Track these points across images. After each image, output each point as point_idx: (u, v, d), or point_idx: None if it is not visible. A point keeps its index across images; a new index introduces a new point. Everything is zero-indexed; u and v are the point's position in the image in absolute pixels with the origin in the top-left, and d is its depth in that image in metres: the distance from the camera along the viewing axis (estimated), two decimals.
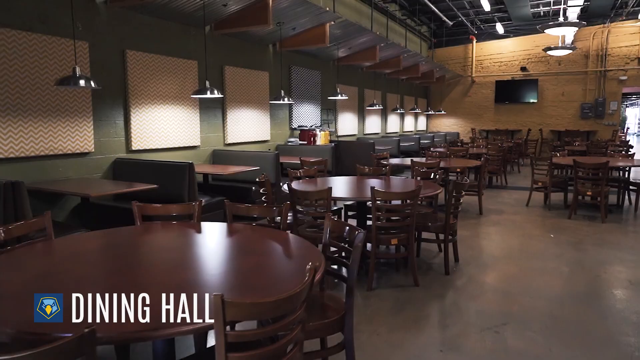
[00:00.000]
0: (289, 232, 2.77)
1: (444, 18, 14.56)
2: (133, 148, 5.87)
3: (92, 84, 4.34)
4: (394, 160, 7.94)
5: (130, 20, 5.79)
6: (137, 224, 2.96)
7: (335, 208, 4.77)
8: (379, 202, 3.71)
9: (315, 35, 8.04)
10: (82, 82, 4.25)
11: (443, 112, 16.47)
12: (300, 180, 5.00)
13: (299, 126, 9.36)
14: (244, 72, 7.77)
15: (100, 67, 5.42)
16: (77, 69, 4.25)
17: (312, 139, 9.19)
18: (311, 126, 9.66)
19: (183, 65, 6.52)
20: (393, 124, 14.66)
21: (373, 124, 13.18)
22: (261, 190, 4.37)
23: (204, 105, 7.02)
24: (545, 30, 10.68)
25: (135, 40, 5.85)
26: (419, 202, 6.13)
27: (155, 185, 4.65)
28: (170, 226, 2.85)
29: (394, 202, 4.06)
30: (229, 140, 7.53)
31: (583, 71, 14.79)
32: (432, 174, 5.04)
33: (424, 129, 17.63)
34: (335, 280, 3.55)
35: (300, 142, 9.08)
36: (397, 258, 4.42)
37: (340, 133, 11.28)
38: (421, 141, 13.10)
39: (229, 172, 5.81)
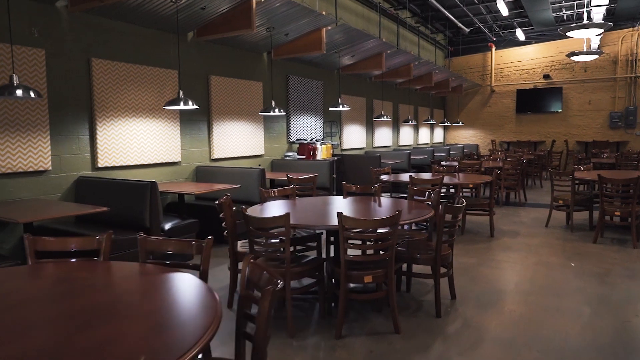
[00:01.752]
0: (204, 281, 2.13)
1: (460, 25, 13.83)
2: (99, 165, 5.35)
3: (32, 94, 3.81)
4: (398, 175, 7.22)
5: (97, 26, 5.30)
6: (29, 263, 2.38)
7: (300, 234, 4.09)
8: (352, 230, 3.05)
9: (310, 41, 7.46)
10: (19, 92, 3.74)
11: (461, 124, 15.64)
12: (277, 201, 4.37)
13: (297, 139, 8.75)
14: (234, 82, 7.22)
15: (60, 77, 4.94)
16: (15, 78, 3.77)
17: (311, 153, 8.56)
18: (312, 139, 9.04)
19: (161, 75, 6.01)
20: (406, 136, 13.92)
21: (383, 137, 12.48)
22: (220, 215, 3.75)
23: (186, 118, 6.48)
24: (567, 33, 9.84)
25: (103, 48, 5.36)
26: (424, 226, 5.43)
27: (104, 208, 4.09)
28: (60, 267, 2.24)
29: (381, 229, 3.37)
30: (216, 155, 6.96)
31: (611, 78, 13.80)
32: (427, 192, 4.32)
33: (441, 141, 16.82)
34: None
35: (299, 156, 8.47)
36: (373, 299, 3.68)
37: (346, 146, 10.62)
38: (435, 154, 12.31)
39: (200, 192, 5.21)
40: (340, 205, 4.02)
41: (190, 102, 5.09)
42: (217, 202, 3.73)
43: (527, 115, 15.31)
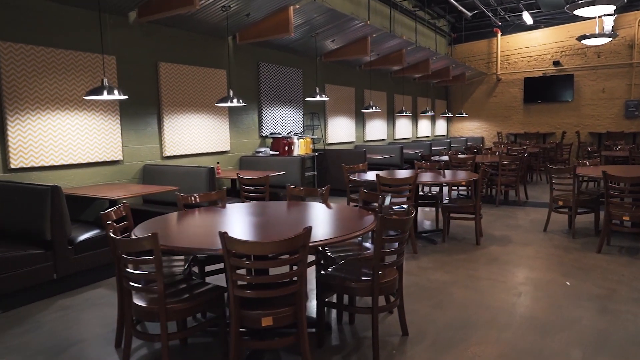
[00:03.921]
0: None
1: (461, 8, 12.84)
2: (13, 166, 4.59)
3: None
4: (384, 172, 6.35)
5: (1, 2, 4.53)
6: None
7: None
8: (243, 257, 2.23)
9: (277, 22, 6.63)
10: None
11: (465, 115, 14.64)
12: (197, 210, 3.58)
13: (271, 134, 7.93)
14: (190, 69, 6.42)
15: None
16: None
17: (286, 148, 7.74)
18: (288, 133, 8.22)
19: (93, 62, 5.23)
20: (403, 129, 13.00)
21: (376, 130, 11.58)
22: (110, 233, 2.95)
23: (130, 111, 5.71)
24: (575, 12, 8.78)
25: (10, 29, 4.57)
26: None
27: None
28: None
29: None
30: (168, 152, 6.18)
31: (627, 63, 12.67)
32: (381, 196, 3.46)
33: (444, 133, 15.84)
34: None
35: (272, 152, 7.66)
36: (277, 348, 2.83)
37: (332, 140, 9.77)
38: (434, 148, 11.40)
39: (125, 196, 4.43)
40: (269, 214, 3.20)
41: (116, 92, 4.31)
42: (100, 213, 2.94)
43: (536, 105, 14.25)
